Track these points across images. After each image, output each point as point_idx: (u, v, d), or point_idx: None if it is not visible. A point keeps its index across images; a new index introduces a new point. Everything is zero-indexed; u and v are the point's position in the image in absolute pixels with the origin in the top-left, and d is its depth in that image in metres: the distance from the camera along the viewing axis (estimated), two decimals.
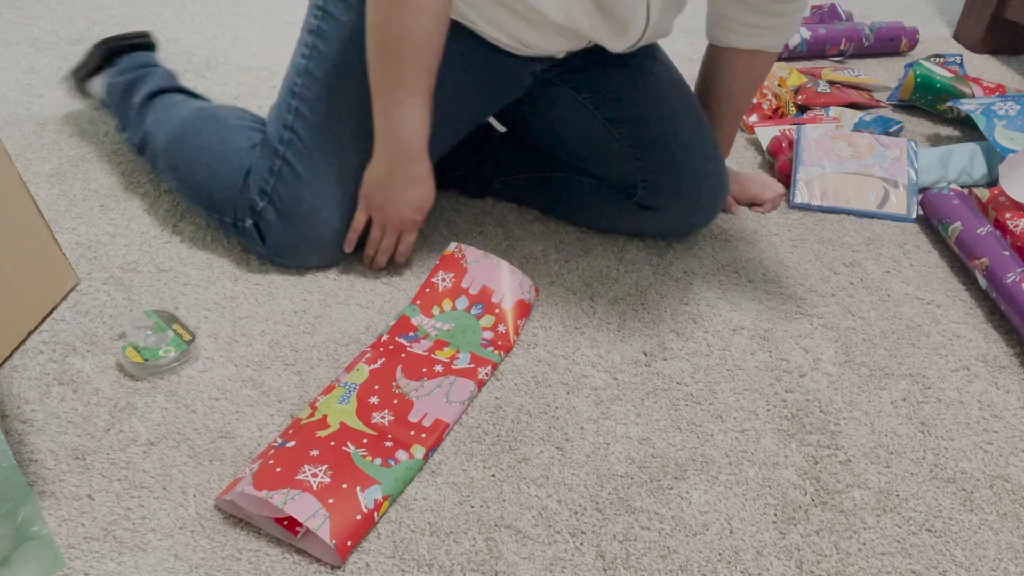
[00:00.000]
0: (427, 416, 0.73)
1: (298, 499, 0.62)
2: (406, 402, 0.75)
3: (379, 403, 0.74)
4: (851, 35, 1.63)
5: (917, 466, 0.75)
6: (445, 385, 0.77)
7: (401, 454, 0.69)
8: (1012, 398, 0.83)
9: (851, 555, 0.67)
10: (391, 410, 0.74)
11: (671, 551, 0.66)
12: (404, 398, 0.75)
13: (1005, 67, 1.65)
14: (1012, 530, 0.70)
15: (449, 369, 0.79)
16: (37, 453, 0.71)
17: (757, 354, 0.87)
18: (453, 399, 0.76)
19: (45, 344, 0.83)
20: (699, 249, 1.03)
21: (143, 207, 1.04)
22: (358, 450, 0.68)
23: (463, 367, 0.79)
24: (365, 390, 0.75)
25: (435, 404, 0.75)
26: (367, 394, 0.75)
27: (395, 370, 0.78)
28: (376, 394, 0.75)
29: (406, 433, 0.71)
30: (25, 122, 1.23)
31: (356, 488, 0.64)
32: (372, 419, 0.72)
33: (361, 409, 0.73)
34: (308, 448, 0.68)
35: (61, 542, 0.64)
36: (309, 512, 0.61)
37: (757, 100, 1.35)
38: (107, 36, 1.13)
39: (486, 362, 0.80)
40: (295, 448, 0.67)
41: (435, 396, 0.75)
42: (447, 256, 0.89)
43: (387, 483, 0.66)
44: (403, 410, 0.74)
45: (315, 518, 0.61)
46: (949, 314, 0.94)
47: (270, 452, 0.68)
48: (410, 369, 0.78)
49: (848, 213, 1.13)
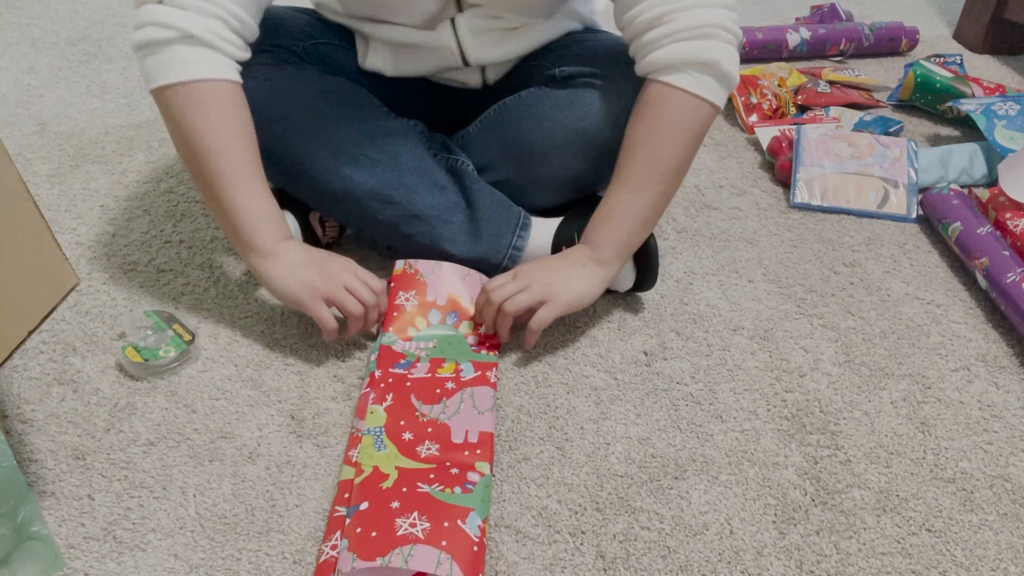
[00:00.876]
0: (470, 432, 0.72)
1: (416, 553, 0.59)
2: (441, 427, 0.73)
3: (416, 437, 0.71)
4: (851, 35, 1.63)
5: (917, 466, 0.75)
6: (467, 399, 0.75)
7: (472, 475, 0.67)
8: (1012, 398, 0.83)
9: (851, 555, 0.67)
10: (432, 439, 0.71)
11: (671, 551, 0.66)
12: (436, 424, 0.73)
13: (1005, 67, 1.65)
14: (1012, 530, 0.70)
15: (460, 383, 0.77)
16: (37, 453, 0.71)
17: (757, 354, 0.87)
18: (482, 408, 0.74)
19: (45, 344, 0.83)
20: (699, 249, 1.03)
21: (143, 207, 1.04)
22: (433, 487, 0.66)
23: (472, 377, 0.78)
24: (393, 429, 0.72)
25: (470, 419, 0.73)
26: (398, 432, 0.72)
27: (410, 399, 0.75)
28: (407, 429, 0.72)
29: (461, 455, 0.70)
30: (25, 122, 1.23)
31: (457, 522, 0.62)
32: (420, 454, 0.70)
33: (403, 448, 0.70)
34: (386, 503, 0.64)
35: (61, 542, 0.64)
36: (434, 561, 0.59)
37: (757, 100, 1.35)
38: None
39: (488, 365, 0.79)
40: (373, 508, 0.64)
41: (464, 412, 0.74)
42: (399, 276, 0.86)
43: (479, 507, 0.64)
44: (444, 435, 0.72)
45: (442, 564, 0.59)
46: (949, 314, 0.94)
47: (347, 522, 0.63)
48: (424, 395, 0.76)
49: (848, 213, 1.13)
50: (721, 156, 1.26)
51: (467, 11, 0.86)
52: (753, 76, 1.40)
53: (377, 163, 0.86)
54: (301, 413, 0.76)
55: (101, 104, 1.30)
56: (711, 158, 1.25)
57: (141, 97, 1.33)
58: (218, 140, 0.74)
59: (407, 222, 0.87)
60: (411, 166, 0.87)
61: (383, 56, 0.93)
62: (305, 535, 0.66)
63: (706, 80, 0.75)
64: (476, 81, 0.97)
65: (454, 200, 0.89)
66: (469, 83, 0.97)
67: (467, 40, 0.88)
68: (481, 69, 0.95)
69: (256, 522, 0.66)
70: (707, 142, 1.29)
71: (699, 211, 1.11)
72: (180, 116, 0.74)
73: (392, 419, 0.73)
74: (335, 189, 0.85)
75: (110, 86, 1.36)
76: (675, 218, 1.09)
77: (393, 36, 0.89)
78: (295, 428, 0.75)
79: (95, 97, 1.32)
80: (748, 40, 1.57)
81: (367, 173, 0.85)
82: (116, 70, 1.42)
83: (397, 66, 0.93)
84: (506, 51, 0.91)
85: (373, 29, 0.90)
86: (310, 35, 0.93)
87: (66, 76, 1.39)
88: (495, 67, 0.95)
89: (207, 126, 0.74)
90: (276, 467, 0.71)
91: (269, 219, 0.77)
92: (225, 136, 0.75)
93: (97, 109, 1.29)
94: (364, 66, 0.94)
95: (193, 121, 0.74)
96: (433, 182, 0.88)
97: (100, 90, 1.35)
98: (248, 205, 0.76)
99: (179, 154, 0.78)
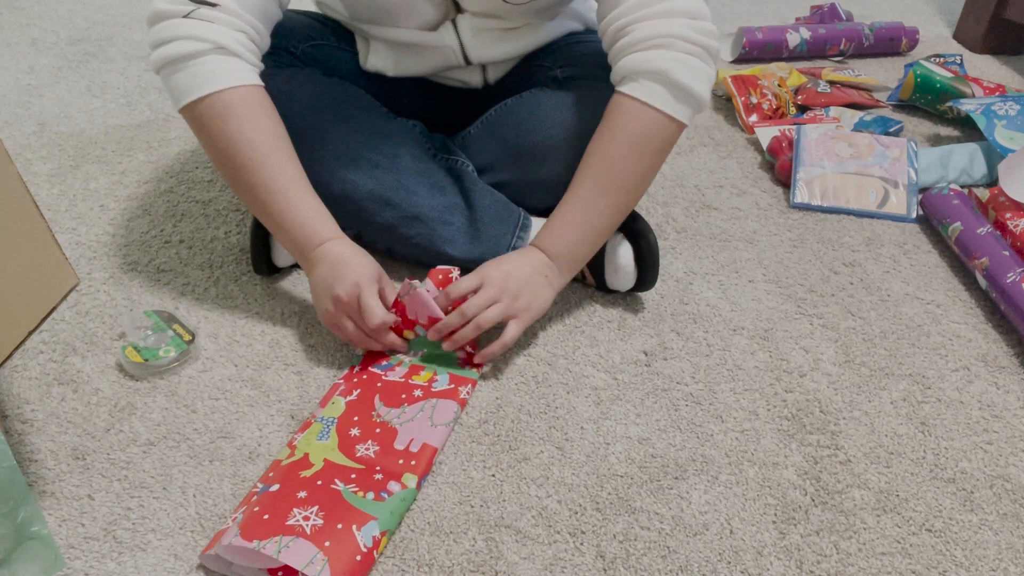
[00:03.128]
0: (413, 442, 0.71)
1: (292, 546, 0.59)
2: (389, 430, 0.72)
3: (361, 435, 0.71)
4: (851, 35, 1.63)
5: (917, 466, 0.75)
6: (428, 408, 0.74)
7: (393, 485, 0.66)
8: (1012, 398, 0.83)
9: (851, 555, 0.67)
10: (375, 440, 0.71)
11: (671, 551, 0.66)
12: (387, 426, 0.72)
13: (1005, 67, 1.65)
14: (1012, 530, 0.70)
15: (429, 392, 0.76)
16: (37, 453, 0.71)
17: (757, 354, 0.87)
18: (438, 422, 0.73)
19: (45, 344, 0.83)
20: (699, 249, 1.03)
21: (143, 207, 1.04)
22: (348, 486, 0.65)
23: (443, 388, 0.77)
24: (344, 423, 0.72)
25: (420, 429, 0.72)
26: (347, 427, 0.72)
27: (373, 399, 0.75)
28: (356, 425, 0.72)
29: (395, 462, 0.69)
30: (25, 122, 1.23)
31: (352, 527, 0.61)
32: (357, 452, 0.69)
33: (343, 443, 0.70)
34: (294, 490, 0.64)
35: (61, 542, 0.64)
36: (307, 559, 0.58)
37: (757, 100, 1.35)
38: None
39: (466, 381, 0.79)
40: (280, 492, 0.64)
41: (419, 421, 0.73)
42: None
43: (383, 518, 0.63)
44: (388, 439, 0.71)
45: (313, 564, 0.58)
46: (949, 314, 0.94)
47: (253, 499, 0.64)
48: (389, 397, 0.76)
49: (848, 213, 1.13)
50: (721, 156, 1.26)
51: (467, 12, 0.86)
52: (753, 76, 1.40)
53: (377, 165, 0.86)
54: (301, 413, 0.76)
55: (101, 104, 1.30)
56: (711, 158, 1.25)
57: (141, 97, 1.33)
58: (257, 148, 0.74)
59: (407, 223, 0.87)
60: (411, 167, 0.87)
61: (384, 56, 0.93)
62: None
63: (658, 90, 0.74)
64: (477, 80, 0.97)
65: (454, 201, 0.89)
66: (470, 82, 0.97)
67: (468, 39, 0.88)
68: (482, 68, 0.95)
69: None
70: (707, 142, 1.29)
71: (699, 211, 1.11)
72: (215, 124, 0.73)
73: (347, 413, 0.74)
74: (335, 191, 0.85)
75: (110, 86, 1.36)
76: (675, 218, 1.09)
77: (395, 36, 0.89)
78: (295, 428, 0.75)
79: (95, 97, 1.32)
80: (748, 40, 1.57)
81: (366, 175, 0.85)
82: (116, 70, 1.42)
83: (398, 66, 0.93)
84: (507, 50, 0.91)
85: (375, 30, 0.90)
86: (309, 36, 0.93)
87: (66, 76, 1.39)
88: (496, 66, 0.95)
89: (241, 133, 0.74)
90: None
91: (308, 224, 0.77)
92: (266, 142, 0.75)
93: (97, 109, 1.29)
94: (365, 67, 0.94)
95: (226, 128, 0.73)
96: (432, 183, 0.88)
97: (100, 90, 1.35)
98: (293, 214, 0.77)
99: (215, 164, 0.77)
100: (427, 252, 0.89)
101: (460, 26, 0.87)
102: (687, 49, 0.73)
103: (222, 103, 0.73)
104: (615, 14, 0.75)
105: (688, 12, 0.74)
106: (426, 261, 0.91)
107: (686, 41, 0.73)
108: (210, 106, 0.73)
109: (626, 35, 0.75)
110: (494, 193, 0.90)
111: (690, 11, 0.74)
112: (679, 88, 0.74)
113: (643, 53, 0.74)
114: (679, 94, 0.75)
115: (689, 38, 0.73)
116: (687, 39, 0.73)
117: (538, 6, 0.86)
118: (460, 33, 0.87)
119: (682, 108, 0.76)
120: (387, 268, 0.95)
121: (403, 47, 0.91)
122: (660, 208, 1.11)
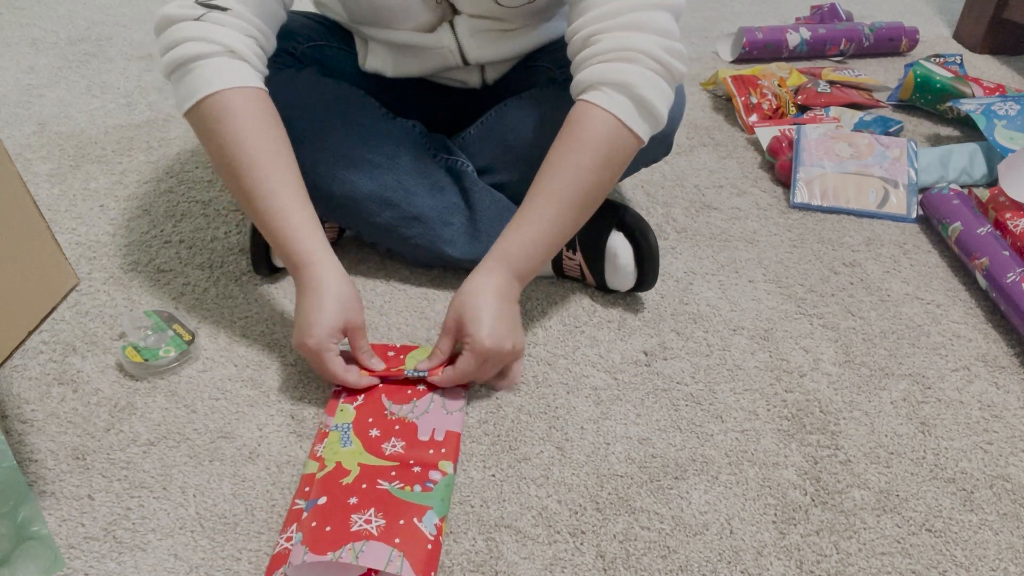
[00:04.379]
0: (436, 431, 0.72)
1: (367, 549, 0.59)
2: (408, 425, 0.73)
3: (383, 434, 0.72)
4: (851, 35, 1.63)
5: (917, 466, 0.75)
6: (437, 400, 0.75)
7: (434, 474, 0.68)
8: (1012, 398, 0.83)
9: (851, 555, 0.67)
10: (398, 436, 0.72)
11: (671, 551, 0.66)
12: (404, 422, 0.73)
13: (1005, 67, 1.65)
14: (1012, 530, 0.70)
15: (431, 386, 0.77)
16: (37, 453, 0.71)
17: (757, 354, 0.87)
18: (451, 409, 0.75)
19: (45, 344, 0.83)
20: (699, 249, 1.03)
21: (143, 207, 1.04)
22: (393, 484, 0.66)
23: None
24: (361, 426, 0.73)
25: (437, 419, 0.73)
26: (365, 429, 0.72)
27: (381, 399, 0.75)
28: (374, 427, 0.73)
29: (425, 453, 0.70)
30: (25, 122, 1.23)
31: (413, 520, 0.62)
32: (385, 451, 0.70)
33: (369, 445, 0.71)
34: (344, 498, 0.64)
35: (61, 542, 0.64)
36: (385, 558, 0.59)
37: (757, 100, 1.35)
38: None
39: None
40: (330, 503, 0.64)
41: (433, 411, 0.74)
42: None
43: (437, 506, 0.65)
44: (410, 433, 0.72)
45: (393, 562, 0.59)
46: (949, 314, 0.94)
47: (303, 516, 0.64)
48: (395, 395, 0.76)
49: (848, 213, 1.13)
50: (721, 156, 1.26)
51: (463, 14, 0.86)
52: (753, 76, 1.40)
53: (376, 165, 0.86)
54: (301, 413, 0.76)
55: (101, 104, 1.30)
56: (711, 158, 1.25)
57: (141, 97, 1.33)
58: (254, 151, 0.73)
59: (407, 224, 0.87)
60: (410, 168, 0.87)
61: (383, 57, 0.93)
62: None
63: (623, 102, 0.73)
64: (476, 80, 0.97)
65: (454, 201, 0.89)
66: (469, 82, 0.97)
67: (466, 40, 0.88)
68: (481, 68, 0.95)
69: (256, 522, 0.66)
70: (707, 142, 1.29)
71: (699, 211, 1.11)
72: (214, 124, 0.72)
73: (361, 416, 0.74)
74: (334, 192, 0.85)
75: (110, 86, 1.36)
76: (675, 218, 1.09)
77: (393, 38, 0.89)
78: (295, 428, 0.75)
79: (95, 97, 1.32)
80: (748, 40, 1.57)
81: (366, 175, 0.85)
82: (116, 70, 1.42)
83: (397, 67, 0.93)
84: (505, 50, 0.91)
85: (373, 32, 0.90)
86: (308, 37, 0.93)
87: (66, 76, 1.39)
88: (495, 66, 0.95)
89: (240, 134, 0.72)
90: (276, 467, 0.71)
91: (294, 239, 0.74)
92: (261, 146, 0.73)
93: (97, 109, 1.29)
94: (364, 68, 0.94)
95: (224, 130, 0.72)
96: (432, 184, 0.88)
97: (100, 90, 1.35)
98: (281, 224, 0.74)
99: (213, 166, 0.76)
100: (427, 252, 0.89)
101: (457, 28, 0.87)
102: (652, 67, 0.73)
103: (222, 103, 0.72)
104: (583, 21, 0.74)
105: (658, 29, 0.73)
106: (426, 261, 0.91)
107: (652, 58, 0.72)
108: (210, 107, 0.72)
109: (593, 44, 0.74)
110: (494, 193, 0.90)
111: (660, 28, 0.73)
112: (642, 103, 0.73)
113: (610, 64, 0.73)
114: (642, 110, 0.74)
115: (656, 55, 0.72)
116: (654, 56, 0.72)
117: (532, 8, 0.86)
118: (458, 34, 0.87)
119: (643, 124, 0.75)
120: (388, 268, 0.95)
121: (401, 48, 0.91)
122: (660, 208, 1.11)
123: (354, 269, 0.95)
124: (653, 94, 0.73)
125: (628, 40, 0.72)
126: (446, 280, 0.94)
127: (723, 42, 1.65)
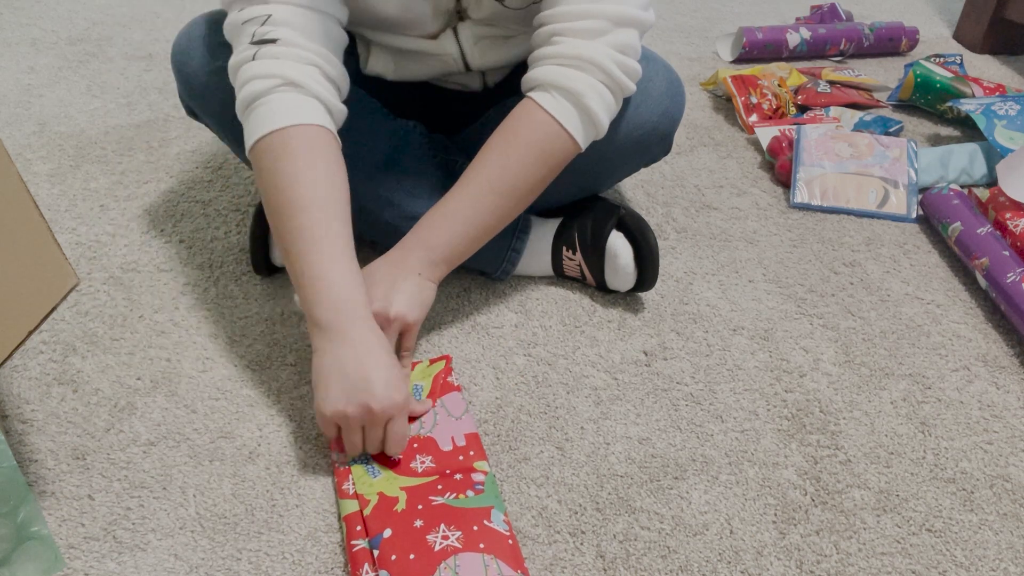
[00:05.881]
0: (456, 437, 0.72)
1: (463, 563, 0.59)
2: (426, 440, 0.72)
3: (406, 455, 0.70)
4: (851, 35, 1.63)
5: (917, 466, 0.75)
6: (441, 411, 0.75)
7: (476, 476, 0.68)
8: (1012, 398, 0.83)
9: (851, 555, 0.67)
10: (422, 453, 0.71)
11: (671, 551, 0.66)
12: (420, 438, 0.72)
13: (1005, 67, 1.65)
14: (1012, 530, 0.70)
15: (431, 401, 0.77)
16: (37, 453, 0.71)
17: (757, 354, 0.87)
18: (457, 414, 0.74)
19: (45, 344, 0.83)
20: (699, 249, 1.03)
21: (143, 207, 1.04)
22: (446, 496, 0.65)
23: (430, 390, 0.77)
24: (380, 454, 0.70)
25: (449, 427, 0.73)
26: (384, 456, 0.70)
27: None
28: None
29: (456, 460, 0.69)
30: (25, 122, 1.23)
31: (484, 522, 0.63)
32: (417, 469, 0.69)
33: (399, 469, 0.69)
34: (409, 523, 0.63)
35: (61, 542, 0.64)
36: (481, 565, 0.59)
37: (757, 100, 1.35)
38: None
39: (439, 373, 0.79)
40: (398, 533, 0.62)
41: (442, 423, 0.74)
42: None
43: (496, 503, 0.65)
44: (431, 447, 0.71)
45: (489, 567, 0.59)
46: (949, 314, 0.95)
47: (376, 554, 0.61)
48: None
49: (848, 213, 1.13)
50: (721, 156, 1.26)
51: (468, 20, 0.86)
52: (753, 76, 1.40)
53: (377, 165, 0.86)
54: (301, 413, 0.76)
55: (101, 104, 1.30)
56: (711, 158, 1.25)
57: (141, 97, 1.33)
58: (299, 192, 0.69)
59: (407, 224, 0.87)
60: (411, 168, 0.87)
61: (384, 61, 0.93)
62: (305, 535, 0.66)
63: (568, 109, 0.74)
64: (477, 84, 0.97)
65: None
66: (470, 86, 0.97)
67: (468, 47, 0.88)
68: (482, 73, 0.95)
69: (256, 522, 0.66)
70: (707, 142, 1.29)
71: (699, 211, 1.11)
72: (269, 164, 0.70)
73: None
74: None
75: (110, 86, 1.36)
76: (675, 218, 1.09)
77: (395, 43, 0.89)
78: (295, 428, 0.75)
79: (95, 97, 1.32)
80: (748, 40, 1.57)
81: (366, 175, 0.85)
82: (116, 70, 1.42)
83: (399, 71, 0.93)
84: (507, 56, 0.91)
85: (375, 36, 0.90)
86: None
87: (66, 76, 1.39)
88: (496, 71, 0.96)
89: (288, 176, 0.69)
90: (276, 467, 0.71)
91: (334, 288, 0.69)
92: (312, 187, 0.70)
93: (97, 109, 1.29)
94: (365, 70, 0.95)
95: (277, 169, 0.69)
96: (433, 183, 0.88)
97: (100, 90, 1.35)
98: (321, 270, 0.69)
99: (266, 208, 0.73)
100: None
101: (460, 34, 0.87)
102: (603, 79, 0.74)
103: (280, 141, 0.70)
104: (552, 14, 0.75)
105: (618, 44, 0.74)
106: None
107: (605, 72, 0.74)
108: (267, 146, 0.70)
109: (555, 44, 0.75)
110: None
111: (620, 43, 0.74)
112: (587, 113, 0.75)
113: (564, 69, 0.74)
114: (585, 118, 0.75)
115: (609, 70, 0.73)
116: (607, 71, 0.73)
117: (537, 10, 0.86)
118: (460, 41, 0.88)
119: (583, 133, 0.76)
120: None
121: (403, 53, 0.91)
122: (660, 208, 1.11)
123: None
124: (599, 106, 0.75)
125: (586, 49, 0.73)
126: (445, 279, 0.94)
127: (723, 42, 1.65)
